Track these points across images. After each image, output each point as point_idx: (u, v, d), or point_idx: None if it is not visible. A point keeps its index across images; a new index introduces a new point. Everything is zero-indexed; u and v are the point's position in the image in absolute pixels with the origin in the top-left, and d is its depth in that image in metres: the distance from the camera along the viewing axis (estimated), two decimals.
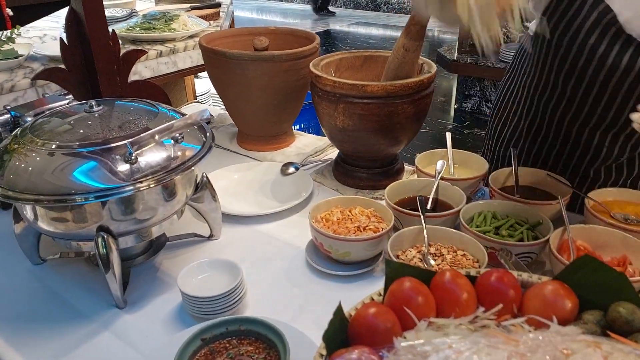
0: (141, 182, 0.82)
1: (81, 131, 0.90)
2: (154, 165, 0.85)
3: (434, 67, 1.17)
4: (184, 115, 1.01)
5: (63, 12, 1.22)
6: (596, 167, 1.21)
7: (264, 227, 1.13)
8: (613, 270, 0.57)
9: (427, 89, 1.14)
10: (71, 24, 1.26)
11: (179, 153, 0.90)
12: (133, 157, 0.81)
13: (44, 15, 2.57)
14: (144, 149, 0.83)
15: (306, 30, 1.46)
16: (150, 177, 0.83)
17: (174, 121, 0.84)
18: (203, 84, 2.74)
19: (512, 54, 1.37)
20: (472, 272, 0.63)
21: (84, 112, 0.93)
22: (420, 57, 1.18)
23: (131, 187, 0.81)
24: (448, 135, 1.25)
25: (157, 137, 0.83)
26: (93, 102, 0.93)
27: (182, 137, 0.90)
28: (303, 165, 1.34)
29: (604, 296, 0.57)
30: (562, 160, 1.24)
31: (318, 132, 2.69)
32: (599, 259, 0.87)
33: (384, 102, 1.09)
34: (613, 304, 0.56)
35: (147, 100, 1.02)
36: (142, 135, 0.82)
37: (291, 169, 1.30)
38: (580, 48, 1.08)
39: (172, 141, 0.89)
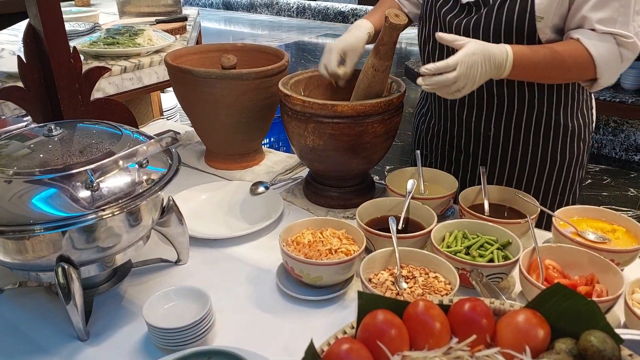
0: (104, 209, 0.79)
1: (41, 156, 0.86)
2: (117, 192, 0.82)
3: (404, 86, 1.17)
4: (148, 137, 0.98)
5: (23, 25, 1.18)
6: (481, 144, 1.31)
7: (233, 249, 1.10)
8: (584, 298, 0.57)
9: (397, 108, 1.14)
10: (30, 40, 1.21)
11: (144, 177, 0.87)
12: (95, 185, 0.78)
13: (2, 28, 2.47)
14: (106, 175, 0.79)
15: (275, 47, 1.45)
16: (113, 204, 0.80)
17: (137, 146, 0.81)
18: (170, 98, 2.69)
19: None
20: (445, 301, 0.63)
21: (42, 136, 0.89)
22: (390, 75, 1.18)
23: (93, 216, 0.78)
24: (418, 153, 1.26)
25: (120, 162, 0.80)
26: (52, 126, 0.89)
27: (147, 161, 0.87)
28: (273, 184, 1.32)
29: (576, 324, 0.57)
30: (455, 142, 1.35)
31: (288, 147, 2.67)
32: (570, 286, 0.89)
33: (354, 121, 1.09)
34: (584, 333, 0.56)
35: (110, 122, 0.99)
36: (104, 161, 0.79)
37: (261, 189, 1.27)
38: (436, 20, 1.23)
39: (137, 165, 0.86)
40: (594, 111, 1.33)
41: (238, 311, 0.93)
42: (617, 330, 0.63)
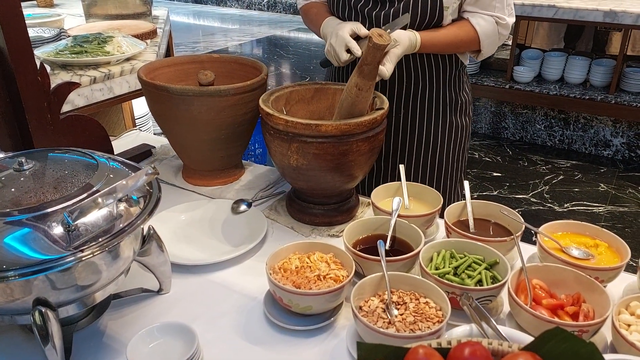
0: (83, 250, 0.75)
1: (12, 190, 0.82)
2: (96, 229, 0.78)
3: (386, 103, 1.16)
4: (124, 163, 0.94)
5: None
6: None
7: (217, 275, 1.07)
8: (582, 340, 0.57)
9: (380, 126, 1.13)
10: None
11: (123, 210, 0.83)
12: (72, 226, 0.74)
13: None
14: (84, 216, 0.75)
15: (252, 59, 1.41)
16: (93, 243, 0.76)
17: (117, 183, 0.77)
18: (142, 105, 2.61)
19: None
20: (444, 343, 0.62)
21: (12, 170, 0.84)
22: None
23: (72, 258, 0.74)
24: (402, 167, 1.24)
25: (99, 200, 0.76)
26: (23, 159, 0.84)
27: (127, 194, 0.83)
28: (255, 201, 1.29)
29: None
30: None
31: (264, 148, 2.63)
32: (557, 306, 0.90)
33: (338, 141, 1.07)
34: None
35: (82, 150, 0.94)
36: (82, 202, 0.75)
37: (243, 207, 1.24)
38: None
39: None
40: (469, 91, 1.57)
41: (225, 344, 0.90)
42: (606, 356, 0.63)
